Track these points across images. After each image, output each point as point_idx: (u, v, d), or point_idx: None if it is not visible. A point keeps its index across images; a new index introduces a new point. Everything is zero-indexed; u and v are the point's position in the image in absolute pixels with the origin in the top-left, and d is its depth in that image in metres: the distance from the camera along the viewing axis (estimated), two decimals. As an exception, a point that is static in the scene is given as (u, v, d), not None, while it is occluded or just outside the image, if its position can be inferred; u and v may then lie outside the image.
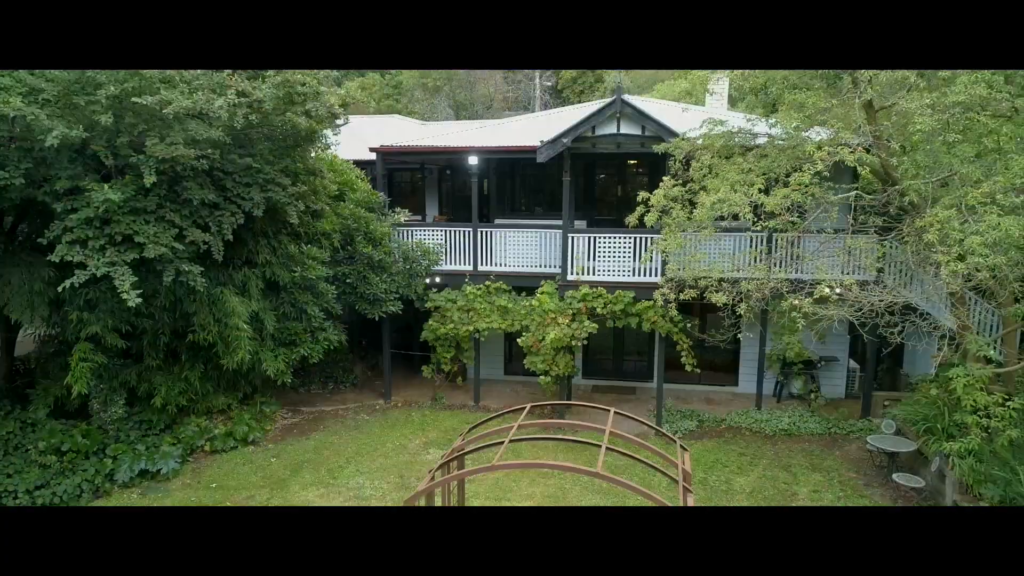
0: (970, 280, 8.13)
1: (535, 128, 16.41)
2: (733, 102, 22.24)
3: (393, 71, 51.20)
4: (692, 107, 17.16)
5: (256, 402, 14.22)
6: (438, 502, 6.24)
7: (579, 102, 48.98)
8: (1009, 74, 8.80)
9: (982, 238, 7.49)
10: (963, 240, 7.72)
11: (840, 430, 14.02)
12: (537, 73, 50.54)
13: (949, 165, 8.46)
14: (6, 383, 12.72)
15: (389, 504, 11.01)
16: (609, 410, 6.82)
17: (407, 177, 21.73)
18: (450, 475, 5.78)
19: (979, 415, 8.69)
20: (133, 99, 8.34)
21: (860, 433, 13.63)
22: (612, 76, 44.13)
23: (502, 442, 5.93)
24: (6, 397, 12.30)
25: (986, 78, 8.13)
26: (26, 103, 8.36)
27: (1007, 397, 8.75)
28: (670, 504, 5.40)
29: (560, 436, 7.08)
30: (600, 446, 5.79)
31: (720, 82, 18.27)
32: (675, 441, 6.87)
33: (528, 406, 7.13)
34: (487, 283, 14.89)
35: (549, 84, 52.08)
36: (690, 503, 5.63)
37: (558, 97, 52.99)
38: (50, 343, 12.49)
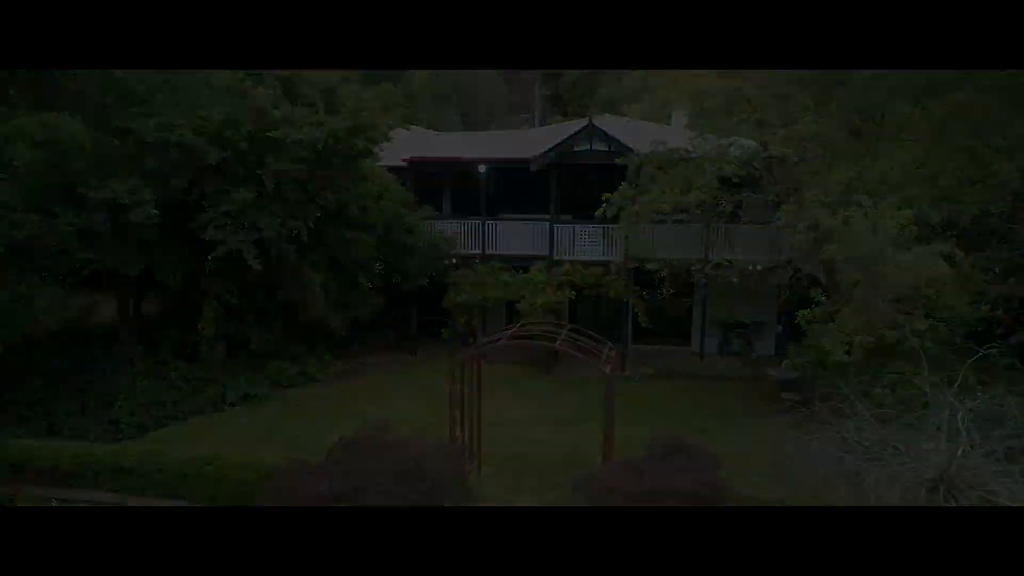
0: (799, 250, 12.66)
1: (531, 141, 20.99)
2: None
3: (404, 81, 55.60)
4: (651, 125, 21.66)
5: (319, 352, 18.76)
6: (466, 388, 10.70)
7: (579, 104, 53.34)
8: (843, 115, 13.28)
9: (806, 224, 11.96)
10: (796, 225, 12.20)
11: (762, 374, 18.46)
12: (537, 82, 54.79)
13: (798, 177, 12.94)
14: (138, 334, 17.27)
15: (425, 414, 15.50)
16: (566, 324, 11.30)
17: (425, 180, 26.05)
18: (471, 355, 10.21)
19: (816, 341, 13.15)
20: (267, 133, 12.86)
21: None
22: (606, 89, 48.49)
23: (499, 339, 10.43)
24: (140, 343, 16.87)
25: (818, 120, 12.59)
26: (193, 134, 12.89)
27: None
28: (602, 367, 9.81)
29: (537, 333, 11.51)
30: (555, 340, 10.28)
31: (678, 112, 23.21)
32: (606, 343, 11.33)
33: (519, 324, 11.62)
34: (492, 263, 19.42)
35: (548, 93, 56.18)
36: (608, 369, 10.06)
37: (557, 103, 57.26)
38: (172, 302, 17.01)
